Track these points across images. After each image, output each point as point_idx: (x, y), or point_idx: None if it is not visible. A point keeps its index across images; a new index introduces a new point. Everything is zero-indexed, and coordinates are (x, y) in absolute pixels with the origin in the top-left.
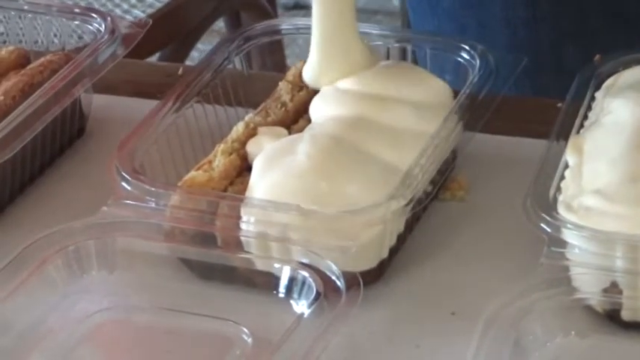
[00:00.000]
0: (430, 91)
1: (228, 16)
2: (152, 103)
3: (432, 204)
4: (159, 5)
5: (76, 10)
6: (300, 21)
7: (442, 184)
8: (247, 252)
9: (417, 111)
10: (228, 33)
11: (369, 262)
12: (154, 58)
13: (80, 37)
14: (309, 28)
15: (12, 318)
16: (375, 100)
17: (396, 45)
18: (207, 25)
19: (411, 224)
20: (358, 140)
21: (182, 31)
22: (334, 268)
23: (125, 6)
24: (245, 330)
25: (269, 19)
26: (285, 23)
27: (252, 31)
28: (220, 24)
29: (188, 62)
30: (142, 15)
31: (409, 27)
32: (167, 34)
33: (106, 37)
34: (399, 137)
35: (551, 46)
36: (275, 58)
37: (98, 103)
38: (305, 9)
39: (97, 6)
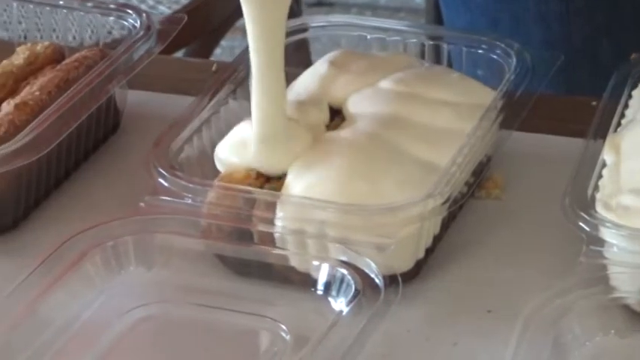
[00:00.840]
0: (468, 92)
1: None
2: (185, 99)
3: (468, 202)
4: (184, 2)
5: (112, 6)
6: (327, 18)
7: (478, 182)
8: (284, 249)
9: (453, 110)
10: None
11: (406, 264)
12: (178, 55)
13: (110, 33)
14: (336, 25)
15: (50, 314)
16: (412, 99)
17: (431, 42)
18: (232, 21)
19: (447, 224)
20: (395, 139)
21: (207, 27)
22: (373, 265)
23: (151, 2)
24: (283, 327)
25: (294, 16)
26: (313, 21)
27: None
28: (243, 21)
29: (212, 59)
30: (168, 11)
31: (435, 23)
32: (192, 30)
33: (141, 33)
34: (436, 136)
35: (585, 41)
36: (300, 55)
37: (132, 98)
38: (328, 6)
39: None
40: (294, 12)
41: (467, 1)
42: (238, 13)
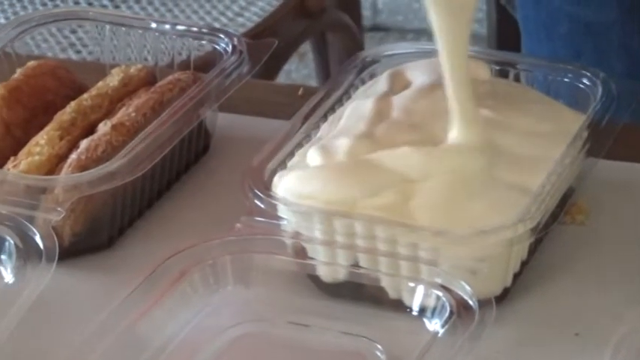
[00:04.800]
0: (556, 119)
1: (314, 37)
2: (272, 122)
3: (553, 227)
4: (250, 25)
5: (204, 30)
6: (415, 45)
7: (565, 209)
8: (377, 270)
9: (542, 137)
10: (313, 54)
11: (494, 288)
12: None
13: (201, 56)
14: (422, 52)
15: (149, 334)
16: (502, 126)
17: (516, 70)
18: (296, 46)
19: (534, 249)
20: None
21: (272, 51)
22: (467, 287)
23: (217, 25)
24: (379, 346)
25: (355, 41)
26: (406, 47)
27: (375, 54)
28: (305, 46)
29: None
30: None
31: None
32: None
33: (232, 57)
34: (525, 162)
35: None
36: None
37: (220, 121)
38: (383, 31)
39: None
40: (355, 36)
41: (550, 32)
42: (301, 38)
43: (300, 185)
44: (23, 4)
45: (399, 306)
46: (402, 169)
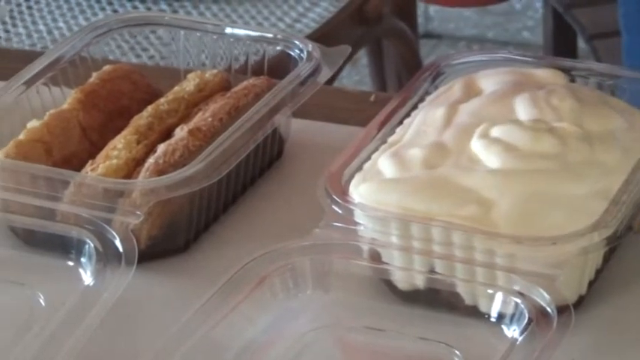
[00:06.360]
0: (635, 126)
1: (370, 44)
2: (345, 128)
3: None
4: (308, 31)
5: (278, 36)
6: (496, 54)
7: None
8: (453, 276)
9: (619, 145)
10: (369, 61)
11: (569, 297)
12: None
13: (275, 62)
14: (501, 61)
15: (228, 338)
16: (578, 132)
17: (591, 80)
18: (353, 52)
19: (609, 257)
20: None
21: None
22: (545, 295)
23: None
24: (457, 353)
25: (411, 48)
26: (480, 55)
27: (449, 62)
28: (360, 53)
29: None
30: None
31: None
32: None
33: (307, 64)
34: (604, 170)
35: None
36: None
37: (292, 126)
38: (435, 38)
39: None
40: (411, 43)
41: None
42: (358, 45)
43: (375, 197)
44: (82, 8)
45: (475, 312)
46: (480, 189)
